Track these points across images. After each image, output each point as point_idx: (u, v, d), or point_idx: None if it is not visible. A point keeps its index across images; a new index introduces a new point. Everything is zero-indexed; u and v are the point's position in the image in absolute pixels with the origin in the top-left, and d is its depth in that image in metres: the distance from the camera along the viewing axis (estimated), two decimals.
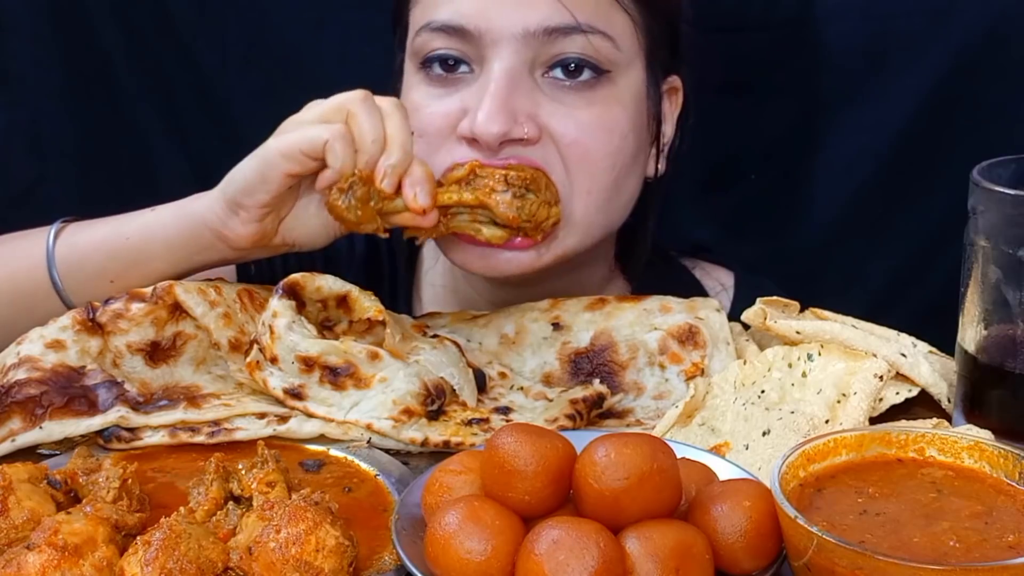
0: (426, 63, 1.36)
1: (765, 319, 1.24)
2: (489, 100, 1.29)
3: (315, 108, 1.27)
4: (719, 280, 1.60)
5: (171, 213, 1.33)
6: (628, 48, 1.36)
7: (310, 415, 1.19)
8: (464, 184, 1.28)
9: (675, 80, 1.47)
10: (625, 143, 1.36)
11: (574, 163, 1.33)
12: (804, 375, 1.18)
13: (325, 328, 1.28)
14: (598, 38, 1.32)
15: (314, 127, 1.24)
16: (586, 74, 1.33)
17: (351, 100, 1.24)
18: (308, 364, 1.21)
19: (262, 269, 1.44)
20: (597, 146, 1.34)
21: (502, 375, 1.31)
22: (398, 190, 1.24)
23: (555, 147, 1.33)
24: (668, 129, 1.47)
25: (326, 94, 1.86)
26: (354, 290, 1.29)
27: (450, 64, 1.34)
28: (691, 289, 1.54)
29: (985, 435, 1.05)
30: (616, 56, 1.34)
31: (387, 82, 1.46)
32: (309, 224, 1.30)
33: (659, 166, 1.46)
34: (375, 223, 1.25)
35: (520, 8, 1.30)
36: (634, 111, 1.38)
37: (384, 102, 1.25)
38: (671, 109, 1.47)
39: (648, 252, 1.54)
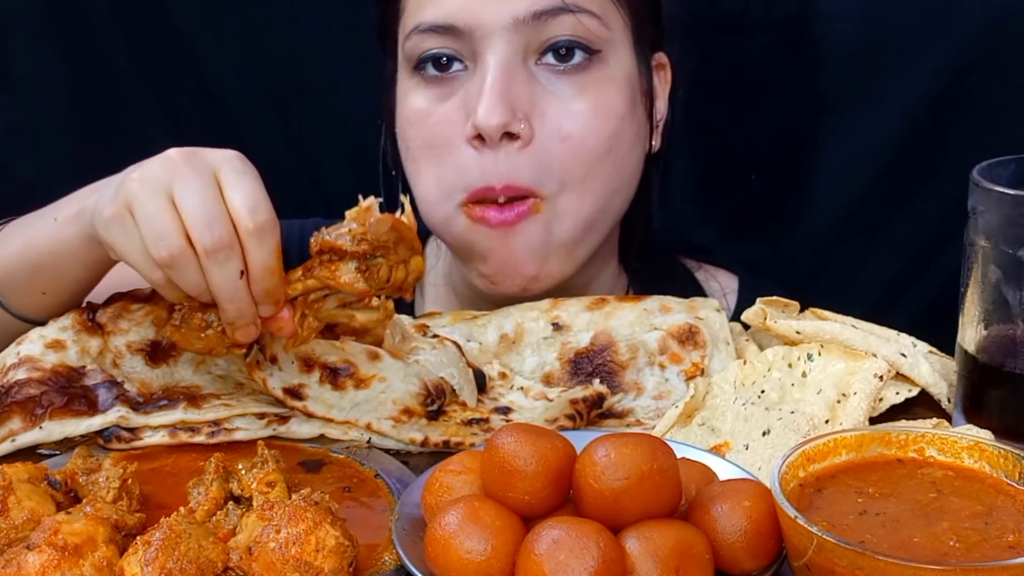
0: (420, 65, 1.36)
1: (765, 319, 1.24)
2: (487, 93, 1.30)
3: (150, 225, 1.09)
4: (721, 283, 1.60)
5: (71, 227, 1.23)
6: (615, 26, 1.37)
7: (310, 415, 1.19)
8: (307, 270, 1.13)
9: (662, 56, 1.48)
10: (622, 124, 1.37)
11: (569, 155, 1.34)
12: (804, 375, 1.18)
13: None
14: (586, 17, 1.33)
15: (143, 258, 1.11)
16: (578, 56, 1.34)
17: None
18: (308, 364, 1.21)
19: None
20: (592, 134, 1.35)
21: (502, 375, 1.31)
22: None
23: (550, 142, 1.33)
24: (661, 105, 1.48)
25: (326, 94, 1.89)
26: None
27: (443, 63, 1.35)
28: (693, 291, 1.54)
29: (985, 435, 1.05)
30: (605, 34, 1.36)
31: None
32: None
33: (654, 142, 1.47)
34: (222, 345, 1.15)
35: None
36: (628, 89, 1.39)
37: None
38: (661, 85, 1.49)
39: (649, 237, 1.55)
